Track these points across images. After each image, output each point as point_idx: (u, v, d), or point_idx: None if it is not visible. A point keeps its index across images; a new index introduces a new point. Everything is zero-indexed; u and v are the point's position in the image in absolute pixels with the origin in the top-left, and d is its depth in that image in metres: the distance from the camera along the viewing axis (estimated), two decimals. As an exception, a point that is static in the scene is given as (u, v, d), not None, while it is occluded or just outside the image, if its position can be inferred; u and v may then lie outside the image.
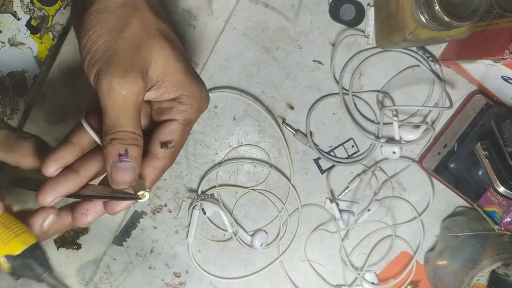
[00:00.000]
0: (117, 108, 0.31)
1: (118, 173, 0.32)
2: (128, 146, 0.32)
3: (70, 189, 0.34)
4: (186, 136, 0.37)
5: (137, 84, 0.31)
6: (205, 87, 0.37)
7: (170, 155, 0.36)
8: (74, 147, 0.34)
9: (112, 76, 0.31)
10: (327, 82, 0.54)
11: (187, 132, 0.36)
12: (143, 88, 0.32)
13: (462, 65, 0.50)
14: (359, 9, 0.53)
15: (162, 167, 0.36)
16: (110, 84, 0.31)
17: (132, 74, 0.31)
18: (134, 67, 0.32)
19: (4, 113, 0.51)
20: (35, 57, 0.51)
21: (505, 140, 0.49)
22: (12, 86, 0.50)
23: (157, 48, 0.33)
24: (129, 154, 0.32)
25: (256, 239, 0.55)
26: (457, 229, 0.54)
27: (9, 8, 0.49)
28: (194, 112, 0.36)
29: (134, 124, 0.32)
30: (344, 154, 0.55)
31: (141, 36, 0.33)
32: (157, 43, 0.33)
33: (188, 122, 0.36)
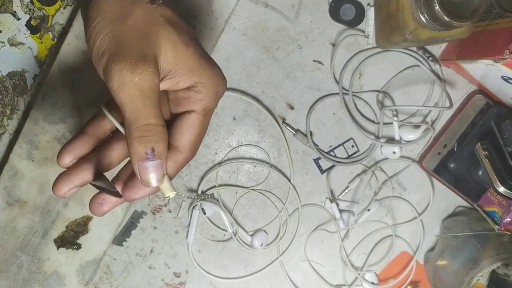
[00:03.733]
0: (134, 97, 0.29)
1: (147, 173, 0.31)
2: (154, 143, 0.30)
3: (84, 179, 0.34)
4: (206, 125, 0.35)
5: (150, 68, 0.30)
6: (220, 71, 0.35)
7: (191, 147, 0.34)
8: (89, 138, 0.34)
9: (122, 64, 0.29)
10: (327, 82, 0.54)
11: (207, 121, 0.35)
12: (157, 72, 0.30)
13: (462, 65, 0.50)
14: (359, 9, 0.53)
15: (184, 160, 0.34)
16: (121, 72, 0.29)
17: (143, 59, 0.30)
18: (144, 53, 0.30)
19: (4, 113, 0.51)
20: (35, 57, 0.51)
21: (505, 140, 0.49)
22: (12, 86, 0.50)
23: (164, 34, 0.32)
24: (155, 152, 0.30)
25: (256, 239, 0.55)
26: (457, 229, 0.54)
27: (9, 8, 0.48)
28: (212, 100, 0.34)
29: (156, 113, 0.30)
30: (344, 154, 0.55)
31: (146, 23, 0.32)
32: (163, 29, 0.32)
33: (207, 111, 0.34)
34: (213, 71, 0.34)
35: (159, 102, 0.31)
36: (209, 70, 0.34)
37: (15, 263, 0.53)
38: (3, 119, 0.51)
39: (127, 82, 0.29)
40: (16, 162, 0.52)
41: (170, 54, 0.32)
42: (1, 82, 0.49)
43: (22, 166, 0.52)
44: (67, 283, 0.54)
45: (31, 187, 0.52)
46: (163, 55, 0.31)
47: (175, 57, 0.32)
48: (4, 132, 0.52)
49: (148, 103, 0.30)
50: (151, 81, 0.30)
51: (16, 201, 0.52)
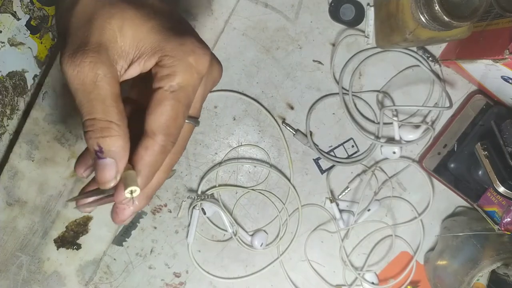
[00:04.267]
0: (76, 92, 0.27)
1: (98, 172, 0.28)
2: (99, 139, 0.28)
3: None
4: (180, 104, 0.29)
5: (87, 59, 0.27)
6: (194, 40, 0.30)
7: (161, 129, 0.29)
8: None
9: (63, 57, 0.27)
10: (327, 82, 0.54)
11: (179, 100, 0.29)
12: (99, 62, 0.27)
13: (462, 65, 0.50)
14: (359, 9, 0.53)
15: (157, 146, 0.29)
16: (62, 68, 0.27)
17: (81, 50, 0.27)
18: (85, 42, 0.28)
19: (4, 113, 0.51)
20: (35, 57, 0.51)
21: (505, 140, 0.49)
22: (12, 86, 0.50)
23: (117, 14, 0.28)
24: (103, 149, 0.28)
25: (256, 239, 0.55)
26: (457, 229, 0.54)
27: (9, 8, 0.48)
28: (181, 73, 0.29)
29: (102, 108, 0.27)
30: (344, 154, 0.55)
31: (95, 7, 0.28)
32: (115, 8, 0.28)
33: (177, 87, 0.29)
34: (181, 40, 0.29)
35: (108, 93, 0.28)
36: (175, 40, 0.29)
37: (15, 263, 0.53)
38: (3, 119, 0.51)
39: (68, 76, 0.27)
40: (16, 162, 0.52)
41: (129, 33, 0.28)
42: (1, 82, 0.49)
43: (22, 166, 0.52)
44: (67, 283, 0.54)
45: (31, 187, 0.52)
46: (121, 37, 0.28)
47: (134, 36, 0.29)
48: (4, 132, 0.52)
49: (91, 97, 0.27)
50: (91, 73, 0.27)
51: (16, 201, 0.52)
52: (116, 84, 0.28)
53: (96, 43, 0.28)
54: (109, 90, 0.28)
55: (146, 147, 0.29)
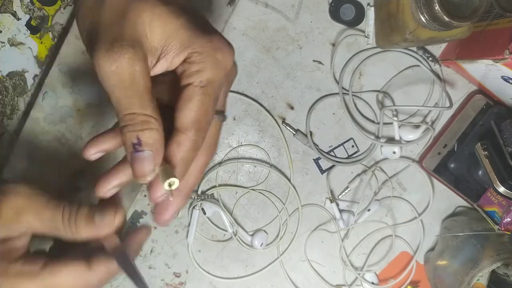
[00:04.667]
0: (113, 88, 0.28)
1: (136, 165, 0.28)
2: (138, 132, 0.28)
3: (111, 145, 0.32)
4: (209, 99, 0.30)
5: (127, 54, 0.27)
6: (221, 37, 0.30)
7: (192, 124, 0.29)
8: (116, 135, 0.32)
9: (98, 52, 0.27)
10: (327, 82, 0.54)
11: (209, 94, 0.30)
12: (136, 58, 0.28)
13: (462, 65, 0.50)
14: (359, 9, 0.53)
15: (188, 140, 0.30)
16: (98, 61, 0.27)
17: (118, 45, 0.27)
18: (120, 37, 0.28)
19: (4, 113, 0.51)
20: (35, 57, 0.51)
21: (505, 140, 0.49)
22: (12, 86, 0.50)
23: (147, 9, 0.29)
24: (142, 142, 0.28)
25: (256, 239, 0.55)
26: (457, 229, 0.54)
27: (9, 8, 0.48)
28: (210, 69, 0.29)
29: (140, 103, 0.28)
30: (344, 154, 0.55)
31: (125, 1, 0.29)
32: (144, 4, 0.29)
33: (206, 82, 0.29)
34: (209, 37, 0.30)
35: (145, 91, 0.28)
36: (203, 37, 0.29)
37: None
38: (3, 119, 0.51)
39: (106, 71, 0.28)
40: (16, 162, 0.51)
41: (158, 30, 0.29)
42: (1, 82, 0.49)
43: (22, 166, 0.52)
44: (67, 283, 0.54)
45: (31, 187, 0.52)
46: (150, 33, 0.29)
47: (163, 32, 0.29)
48: (4, 132, 0.52)
49: (129, 93, 0.28)
50: (130, 69, 0.27)
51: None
52: (150, 79, 0.29)
53: (131, 38, 0.28)
54: (145, 86, 0.28)
55: (179, 143, 0.29)
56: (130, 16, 0.28)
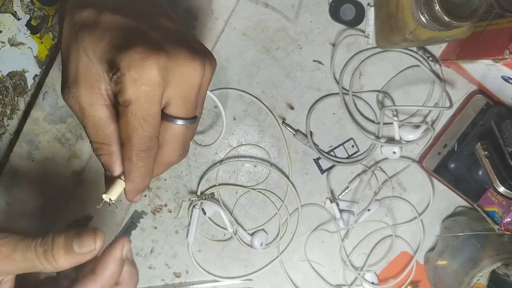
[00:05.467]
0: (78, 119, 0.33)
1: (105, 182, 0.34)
2: (98, 156, 0.33)
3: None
4: (134, 118, 0.30)
5: (70, 95, 0.31)
6: (133, 52, 0.29)
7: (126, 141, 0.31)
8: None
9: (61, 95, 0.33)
10: (327, 82, 0.54)
11: (132, 113, 0.30)
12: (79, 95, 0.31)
13: (462, 65, 0.50)
14: (359, 9, 0.53)
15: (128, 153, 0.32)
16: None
17: (65, 86, 0.32)
18: (66, 79, 0.32)
19: (4, 113, 0.51)
20: (35, 57, 0.51)
21: (505, 140, 0.49)
22: (12, 86, 0.50)
23: (80, 45, 0.30)
24: (103, 165, 0.33)
25: (256, 238, 0.55)
26: (457, 229, 0.54)
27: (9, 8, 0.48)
28: (129, 88, 0.29)
29: (91, 132, 0.32)
30: (344, 154, 0.55)
31: (67, 42, 0.32)
32: (77, 40, 0.30)
33: (128, 102, 0.30)
34: (122, 56, 0.29)
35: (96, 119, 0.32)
36: (118, 56, 0.29)
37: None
38: (3, 119, 0.51)
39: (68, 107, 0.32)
40: (16, 162, 0.52)
41: (94, 59, 0.30)
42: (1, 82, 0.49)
43: (22, 166, 0.52)
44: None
45: (31, 187, 0.52)
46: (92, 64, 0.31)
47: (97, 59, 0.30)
48: (4, 132, 0.52)
49: (84, 124, 0.32)
50: (76, 105, 0.32)
51: (16, 201, 0.52)
52: (101, 109, 0.32)
53: (73, 78, 0.31)
54: (95, 116, 0.32)
55: (124, 157, 0.32)
56: (72, 56, 0.31)
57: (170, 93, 0.31)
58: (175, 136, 0.33)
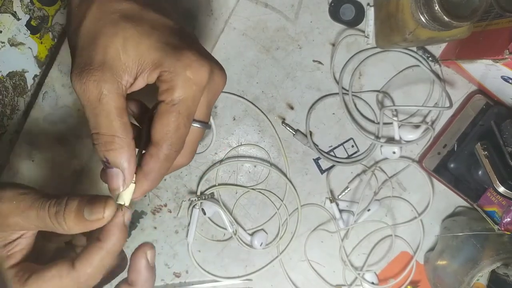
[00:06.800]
0: (84, 107, 0.31)
1: (107, 180, 0.32)
2: (103, 152, 0.31)
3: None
4: (179, 118, 0.31)
5: (93, 77, 0.30)
6: (191, 53, 0.31)
7: (164, 139, 0.32)
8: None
9: (72, 75, 0.30)
10: (327, 82, 0.54)
11: (179, 112, 0.31)
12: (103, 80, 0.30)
13: (462, 65, 0.50)
14: (359, 9, 0.53)
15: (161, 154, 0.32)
16: (72, 84, 0.30)
17: (87, 69, 0.30)
18: (90, 61, 0.30)
19: (4, 113, 0.51)
20: (35, 57, 0.51)
21: (505, 140, 0.49)
22: (12, 86, 0.50)
23: (119, 33, 0.31)
24: (110, 161, 0.31)
25: (256, 238, 0.55)
26: (457, 229, 0.54)
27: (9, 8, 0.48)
28: (180, 87, 0.31)
29: (106, 123, 0.30)
30: (344, 154, 0.55)
31: (96, 27, 0.31)
32: (116, 27, 0.31)
33: (177, 101, 0.31)
34: (179, 55, 0.31)
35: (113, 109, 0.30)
36: (173, 55, 0.31)
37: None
38: (3, 119, 0.51)
39: (77, 93, 0.30)
40: (16, 162, 0.52)
41: (131, 51, 0.31)
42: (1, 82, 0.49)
43: (22, 166, 0.52)
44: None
45: (31, 187, 0.52)
46: (124, 54, 0.30)
47: (136, 52, 0.31)
48: (4, 132, 0.52)
49: (96, 112, 0.30)
50: (96, 90, 0.30)
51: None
52: (120, 99, 0.31)
53: (99, 62, 0.30)
54: (113, 106, 0.30)
55: (151, 155, 0.32)
56: (101, 41, 0.30)
57: (202, 98, 0.33)
58: (194, 139, 0.35)
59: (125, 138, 0.31)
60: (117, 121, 0.31)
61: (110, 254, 0.32)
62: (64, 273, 0.32)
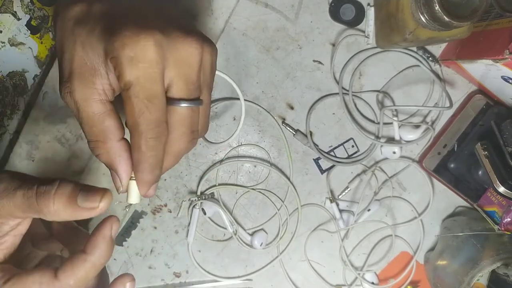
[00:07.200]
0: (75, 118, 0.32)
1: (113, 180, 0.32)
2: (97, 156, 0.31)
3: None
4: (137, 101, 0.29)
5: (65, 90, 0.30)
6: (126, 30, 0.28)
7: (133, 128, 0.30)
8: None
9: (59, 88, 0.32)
10: (327, 82, 0.54)
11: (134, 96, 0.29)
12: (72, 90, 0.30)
13: (462, 65, 0.50)
14: (359, 9, 0.53)
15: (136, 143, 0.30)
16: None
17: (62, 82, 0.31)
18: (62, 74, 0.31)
19: (4, 113, 0.51)
20: (35, 57, 0.51)
21: (505, 140, 0.49)
22: (12, 86, 0.50)
23: (77, 39, 0.30)
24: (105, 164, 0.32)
25: (256, 238, 0.55)
26: (457, 229, 0.54)
27: (9, 8, 0.48)
28: (127, 69, 0.28)
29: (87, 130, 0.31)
30: (344, 154, 0.55)
31: (62, 40, 0.31)
32: (73, 35, 0.30)
33: (129, 85, 0.29)
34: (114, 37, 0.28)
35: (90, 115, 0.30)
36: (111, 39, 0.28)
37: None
38: (3, 119, 0.51)
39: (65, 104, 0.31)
40: (16, 162, 0.52)
41: (90, 52, 0.30)
42: (1, 82, 0.49)
43: (22, 166, 0.52)
44: (67, 283, 0.54)
45: (31, 187, 0.52)
46: (88, 58, 0.30)
47: (93, 51, 0.30)
48: (4, 132, 0.52)
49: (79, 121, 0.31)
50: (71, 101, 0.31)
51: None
52: (97, 104, 0.30)
53: (68, 73, 0.30)
54: (89, 112, 0.30)
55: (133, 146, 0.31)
56: (65, 52, 0.31)
57: (170, 74, 0.30)
58: (181, 120, 0.31)
59: (107, 142, 0.31)
60: (96, 126, 0.30)
61: (95, 267, 0.31)
62: (45, 280, 0.30)
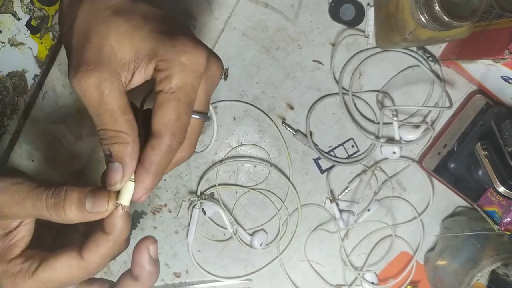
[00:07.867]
0: (88, 107, 0.30)
1: (108, 174, 0.31)
2: (109, 145, 0.30)
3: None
4: (179, 105, 0.30)
5: (91, 78, 0.29)
6: (185, 40, 0.30)
7: (164, 130, 0.31)
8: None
9: (70, 77, 0.30)
10: (327, 82, 0.54)
11: (178, 100, 0.30)
12: (102, 79, 0.30)
13: (462, 65, 0.50)
14: (359, 9, 0.53)
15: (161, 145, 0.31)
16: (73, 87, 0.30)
17: (82, 69, 0.30)
18: (85, 61, 0.30)
19: (4, 113, 0.51)
20: (35, 57, 0.51)
21: (505, 140, 0.49)
22: (12, 86, 0.50)
23: (112, 29, 0.30)
24: (113, 154, 0.30)
25: (256, 238, 0.55)
26: (457, 229, 0.54)
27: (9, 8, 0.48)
28: (178, 74, 0.30)
29: (110, 120, 0.30)
30: (344, 154, 0.55)
31: (89, 25, 0.31)
32: (108, 24, 0.30)
33: (175, 88, 0.30)
34: (173, 42, 0.30)
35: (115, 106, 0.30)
36: (167, 43, 0.30)
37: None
38: (3, 119, 0.51)
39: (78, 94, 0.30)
40: (16, 162, 0.52)
41: (126, 46, 0.30)
42: (2, 82, 0.49)
43: (22, 166, 0.52)
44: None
45: (31, 187, 0.52)
46: (120, 51, 0.30)
47: (131, 47, 0.30)
48: (4, 132, 0.52)
49: (100, 112, 0.30)
50: (97, 91, 0.30)
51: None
52: (121, 96, 0.31)
53: (96, 61, 0.30)
54: (115, 103, 0.30)
55: (153, 147, 0.31)
56: (95, 39, 0.30)
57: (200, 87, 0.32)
58: (195, 131, 0.34)
59: (130, 134, 0.31)
60: (121, 118, 0.30)
61: (117, 243, 0.32)
62: (74, 262, 0.32)
